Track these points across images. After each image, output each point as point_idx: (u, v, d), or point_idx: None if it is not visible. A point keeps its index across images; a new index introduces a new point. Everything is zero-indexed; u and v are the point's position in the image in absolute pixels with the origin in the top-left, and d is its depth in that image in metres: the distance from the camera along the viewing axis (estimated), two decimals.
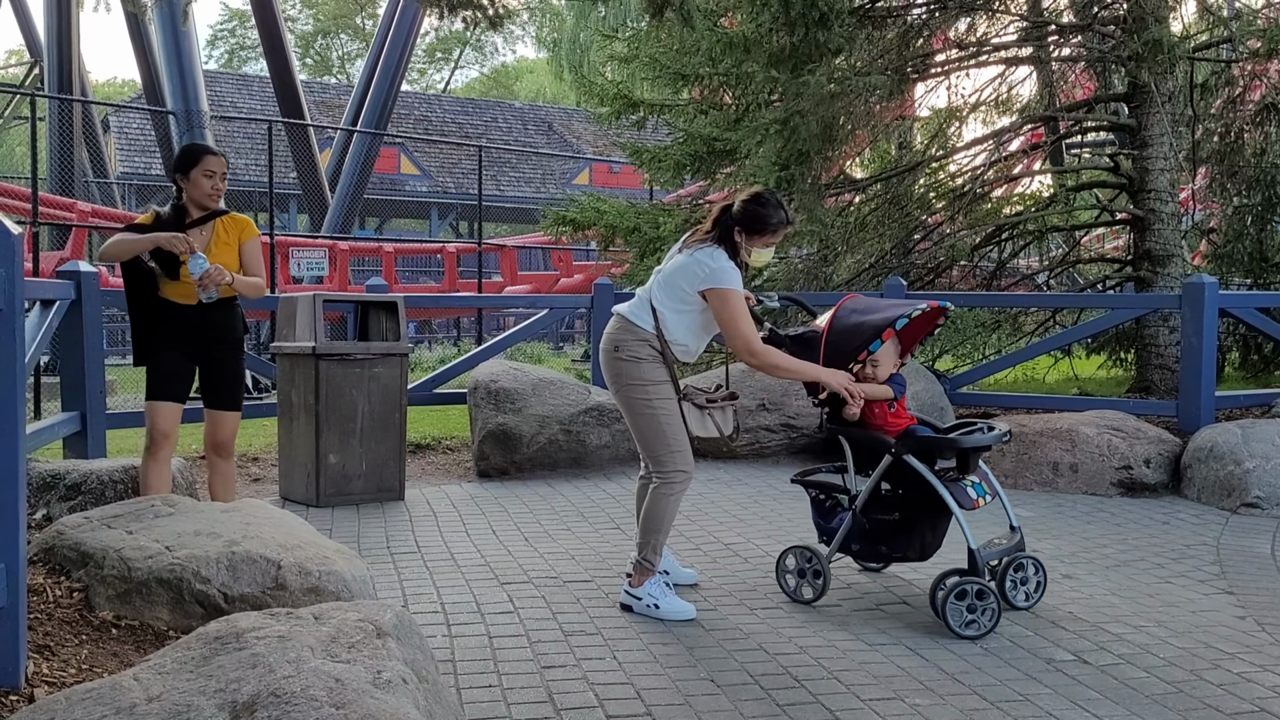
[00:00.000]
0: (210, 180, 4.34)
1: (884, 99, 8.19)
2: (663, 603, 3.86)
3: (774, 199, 3.98)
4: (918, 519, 3.94)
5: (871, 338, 3.85)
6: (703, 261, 3.86)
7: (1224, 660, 3.44)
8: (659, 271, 4.01)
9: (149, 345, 4.40)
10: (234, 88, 30.04)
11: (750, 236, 3.93)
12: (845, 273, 9.09)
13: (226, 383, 4.47)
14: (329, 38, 47.47)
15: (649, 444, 3.93)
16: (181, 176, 4.37)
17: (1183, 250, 8.38)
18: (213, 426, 4.48)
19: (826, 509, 4.15)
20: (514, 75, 50.37)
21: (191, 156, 4.39)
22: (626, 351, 3.91)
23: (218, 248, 4.39)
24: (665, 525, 3.92)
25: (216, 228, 4.43)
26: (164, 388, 4.37)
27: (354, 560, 3.40)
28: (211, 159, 4.39)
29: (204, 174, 4.33)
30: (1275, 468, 5.58)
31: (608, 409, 6.88)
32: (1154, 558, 4.74)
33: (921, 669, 3.35)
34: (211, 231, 4.41)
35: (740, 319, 3.83)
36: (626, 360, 3.91)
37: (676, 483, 3.90)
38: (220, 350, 4.45)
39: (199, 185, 4.34)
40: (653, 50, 9.15)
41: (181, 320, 4.36)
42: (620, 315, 3.99)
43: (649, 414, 3.89)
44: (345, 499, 5.73)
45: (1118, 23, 8.13)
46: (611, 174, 28.07)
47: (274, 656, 1.95)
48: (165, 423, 4.35)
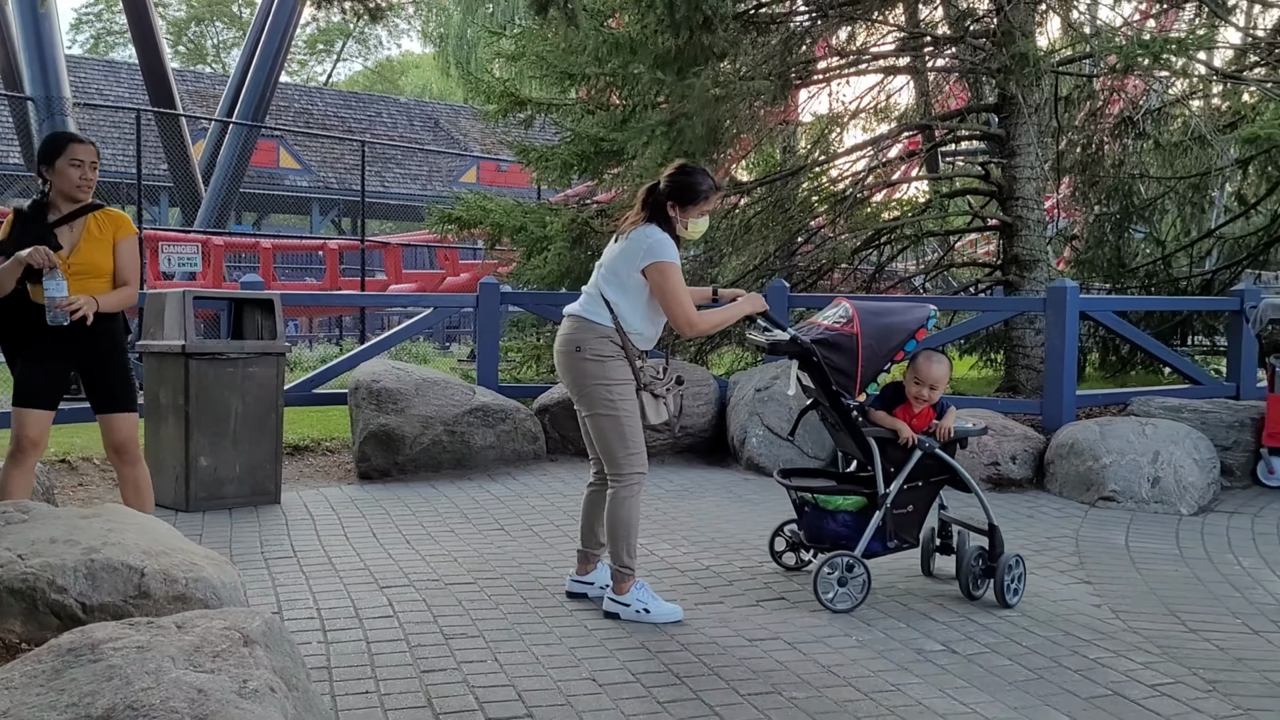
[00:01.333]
0: (78, 170, 4.03)
1: (768, 104, 8.34)
2: (652, 607, 3.82)
3: (699, 168, 4.01)
4: (924, 509, 4.21)
5: (906, 339, 3.99)
6: (639, 240, 3.85)
7: (1081, 647, 3.61)
8: (600, 266, 3.96)
9: (18, 348, 4.09)
10: (100, 74, 28.70)
11: (684, 208, 3.92)
12: (730, 274, 9.21)
13: (111, 384, 4.15)
14: (203, 25, 45.77)
15: (609, 446, 3.87)
16: (46, 167, 4.05)
17: (1048, 256, 8.76)
18: (106, 431, 4.18)
19: (808, 513, 4.17)
20: (399, 70, 49.48)
21: (56, 145, 4.08)
22: (590, 350, 3.84)
23: (89, 246, 4.07)
24: (634, 528, 3.88)
25: (89, 224, 4.09)
26: (32, 393, 4.05)
27: (224, 566, 3.28)
28: (79, 147, 4.08)
29: (71, 163, 4.02)
30: (1130, 463, 5.88)
31: (493, 409, 6.82)
32: (1018, 549, 4.93)
33: (799, 663, 3.42)
34: (82, 228, 4.07)
35: (680, 292, 3.83)
36: (591, 360, 3.84)
37: (635, 484, 3.88)
38: (98, 352, 4.13)
39: (66, 176, 4.02)
40: (540, 49, 9.11)
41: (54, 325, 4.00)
42: (576, 315, 3.90)
43: (613, 415, 3.84)
44: (217, 503, 5.54)
45: (988, 36, 8.45)
46: (499, 172, 27.83)
47: (132, 668, 1.87)
48: (33, 430, 4.04)
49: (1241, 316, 7.60)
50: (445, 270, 19.88)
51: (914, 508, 4.17)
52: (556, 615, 3.87)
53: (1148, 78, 9.36)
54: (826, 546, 4.11)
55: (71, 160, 4.04)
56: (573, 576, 4.14)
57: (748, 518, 5.49)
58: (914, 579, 4.41)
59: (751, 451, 6.75)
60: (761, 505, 5.81)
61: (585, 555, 4.12)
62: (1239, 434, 6.54)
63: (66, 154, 4.06)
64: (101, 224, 4.13)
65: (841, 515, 4.07)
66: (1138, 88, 10.31)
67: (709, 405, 7.24)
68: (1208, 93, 10.62)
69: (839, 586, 3.96)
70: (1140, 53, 7.35)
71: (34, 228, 4.03)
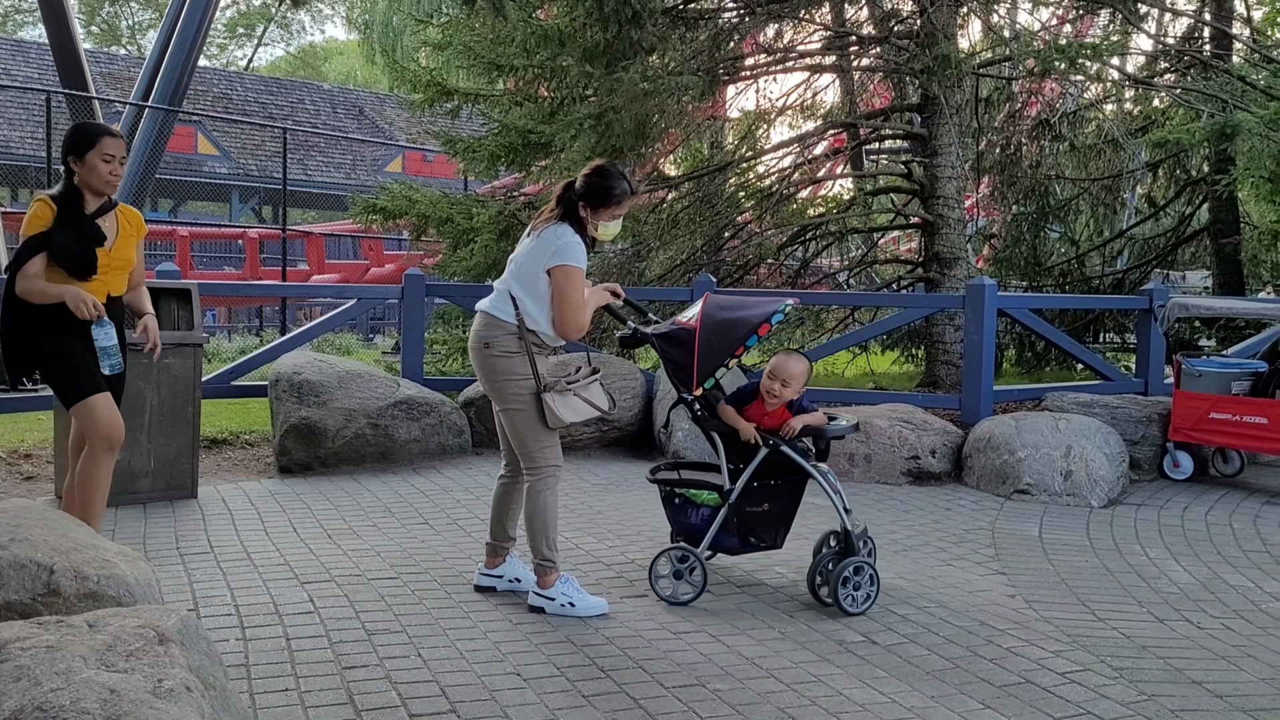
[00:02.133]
0: (109, 165, 3.84)
1: (696, 99, 8.37)
2: (577, 600, 3.81)
3: (615, 170, 3.96)
4: (787, 509, 4.14)
5: (748, 334, 3.93)
6: (549, 240, 3.82)
7: (996, 636, 3.71)
8: (512, 261, 3.93)
9: (61, 340, 3.84)
10: (7, 53, 27.63)
11: (595, 210, 3.90)
12: (658, 269, 9.24)
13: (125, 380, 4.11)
14: (117, 5, 44.32)
15: (522, 439, 3.86)
16: (75, 159, 3.83)
17: (967, 254, 8.95)
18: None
19: (677, 506, 4.16)
20: (323, 56, 48.55)
21: (88, 137, 3.86)
22: (498, 347, 3.82)
23: (124, 243, 3.96)
24: (552, 520, 3.86)
25: (120, 220, 3.98)
26: (99, 381, 3.85)
27: (137, 563, 3.19)
28: (110, 141, 3.87)
29: (102, 158, 3.83)
30: (1044, 457, 6.05)
31: (418, 402, 6.75)
32: (937, 542, 5.05)
33: (722, 655, 3.46)
34: (116, 224, 3.95)
35: (578, 297, 3.81)
36: (499, 356, 3.82)
37: (549, 477, 3.86)
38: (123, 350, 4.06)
39: (96, 170, 3.83)
40: (467, 39, 9.01)
41: (83, 322, 3.82)
42: (484, 311, 3.89)
43: (524, 410, 3.82)
44: (131, 498, 5.39)
45: (912, 37, 8.60)
46: (425, 162, 27.49)
47: (41, 668, 1.81)
48: (116, 415, 3.89)
49: (1150, 315, 7.86)
50: (370, 261, 19.59)
51: (769, 506, 4.10)
52: (480, 610, 3.85)
53: (1064, 82, 9.63)
54: (684, 539, 4.14)
55: (103, 155, 3.84)
56: (481, 570, 4.13)
57: None
58: None
59: (677, 445, 6.79)
60: None
61: (494, 548, 4.11)
62: (1147, 429, 6.77)
63: (99, 148, 3.84)
64: (129, 219, 4.05)
65: (704, 509, 4.08)
66: (1054, 91, 10.61)
67: (635, 399, 7.26)
68: (1120, 97, 10.97)
69: (675, 580, 4.01)
70: (1057, 57, 7.55)
71: (74, 219, 3.83)
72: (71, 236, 3.81)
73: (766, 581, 4.30)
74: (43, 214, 3.83)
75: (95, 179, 3.87)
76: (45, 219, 3.83)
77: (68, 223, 3.83)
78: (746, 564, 4.53)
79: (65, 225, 3.82)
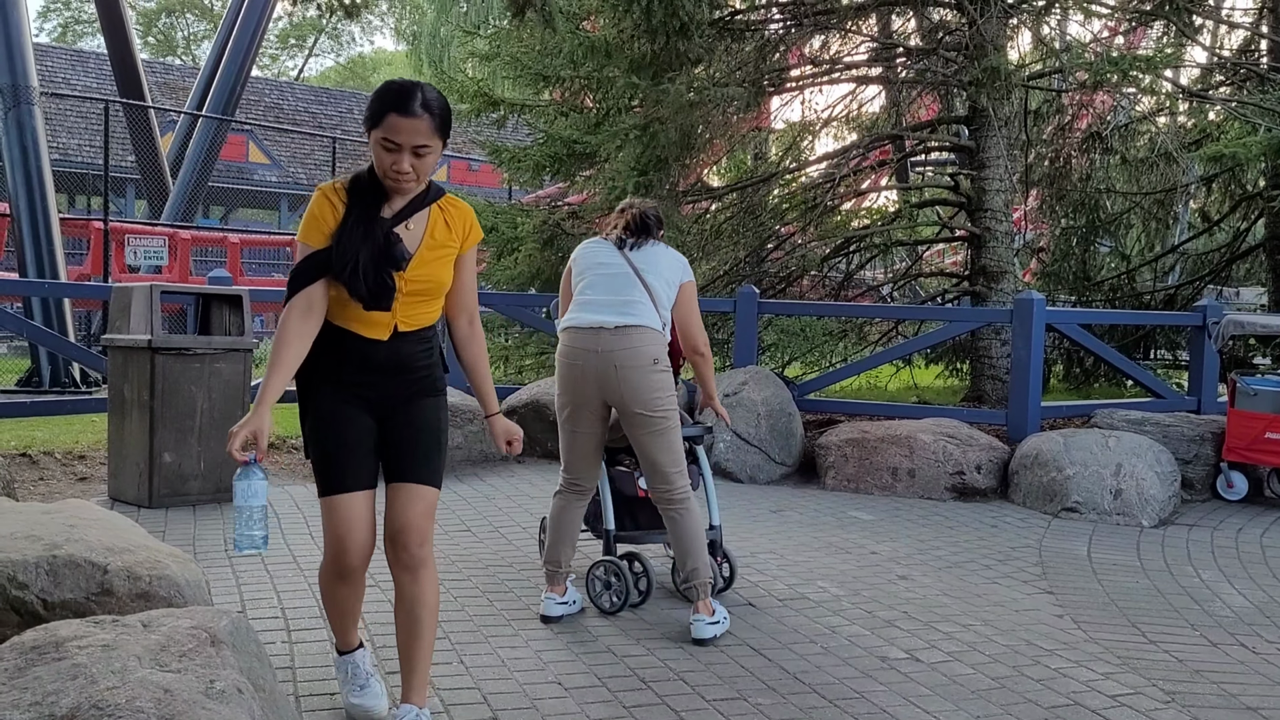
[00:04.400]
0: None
1: (741, 110, 8.37)
2: (719, 611, 3.76)
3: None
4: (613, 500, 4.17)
5: None
6: (670, 255, 3.85)
7: (1043, 657, 3.66)
8: (641, 273, 3.76)
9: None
10: (67, 63, 28.29)
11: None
12: (700, 279, 9.23)
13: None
14: (174, 16, 45.24)
15: (667, 460, 3.71)
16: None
17: (1015, 267, 8.86)
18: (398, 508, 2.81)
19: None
20: (371, 66, 49.14)
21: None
22: (663, 363, 3.72)
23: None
24: (704, 537, 3.78)
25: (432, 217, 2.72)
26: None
27: (188, 564, 3.24)
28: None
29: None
30: (1093, 474, 5.96)
31: (461, 410, 6.79)
32: (982, 559, 4.99)
33: (764, 669, 3.44)
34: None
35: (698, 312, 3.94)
36: (664, 372, 3.71)
37: (690, 496, 3.79)
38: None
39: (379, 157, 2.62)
40: (514, 50, 9.10)
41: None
42: (644, 326, 3.69)
43: (674, 428, 3.74)
44: (181, 500, 5.47)
45: (960, 49, 8.54)
46: (470, 172, 27.72)
47: (97, 667, 1.84)
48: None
49: (1204, 332, 7.72)
50: None
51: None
52: (522, 618, 3.86)
53: (1116, 94, 9.51)
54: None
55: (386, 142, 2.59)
56: (555, 599, 3.86)
57: None
58: (881, 587, 4.44)
59: (719, 457, 6.77)
60: (728, 510, 5.83)
61: (559, 574, 3.88)
62: (1200, 448, 6.64)
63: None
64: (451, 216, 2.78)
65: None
66: (1106, 104, 10.47)
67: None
68: (1174, 110, 10.80)
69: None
70: (1109, 69, 7.46)
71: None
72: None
73: (809, 595, 4.27)
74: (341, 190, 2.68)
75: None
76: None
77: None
78: (789, 578, 4.50)
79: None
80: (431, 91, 2.53)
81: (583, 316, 3.75)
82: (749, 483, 6.66)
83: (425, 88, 2.53)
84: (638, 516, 4.21)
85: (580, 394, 3.75)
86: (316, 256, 2.57)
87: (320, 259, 2.57)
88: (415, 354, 2.73)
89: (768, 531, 5.38)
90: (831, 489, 6.55)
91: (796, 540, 5.21)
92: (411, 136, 2.50)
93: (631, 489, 4.19)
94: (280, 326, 2.56)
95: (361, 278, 2.53)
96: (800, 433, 7.00)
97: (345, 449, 2.66)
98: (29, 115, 10.87)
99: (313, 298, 2.57)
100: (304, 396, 2.71)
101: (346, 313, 2.62)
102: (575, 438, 3.84)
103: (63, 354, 9.88)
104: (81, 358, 8.97)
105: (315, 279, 2.56)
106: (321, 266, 2.56)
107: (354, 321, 2.63)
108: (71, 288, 10.75)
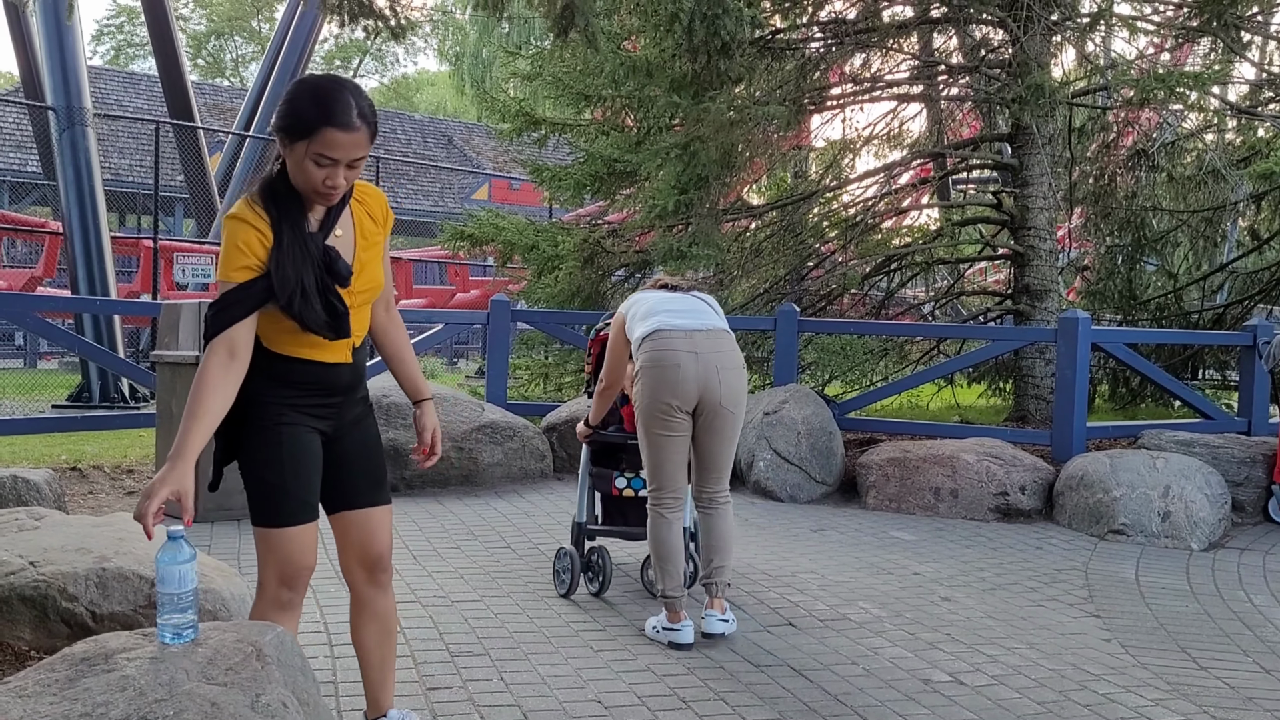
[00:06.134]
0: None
1: (781, 128, 8.37)
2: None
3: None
4: (585, 494, 4.52)
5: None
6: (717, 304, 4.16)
7: (1090, 681, 3.59)
8: (693, 298, 4.04)
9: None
10: (120, 85, 28.94)
11: None
12: (740, 297, 9.23)
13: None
14: (222, 39, 46.15)
15: (728, 463, 3.97)
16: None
17: (1059, 286, 8.76)
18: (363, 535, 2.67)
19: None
20: (414, 87, 49.78)
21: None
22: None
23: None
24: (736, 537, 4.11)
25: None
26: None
27: (233, 578, 3.29)
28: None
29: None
30: (1140, 496, 5.86)
31: (501, 427, 6.83)
32: (1027, 581, 4.92)
33: (805, 690, 3.41)
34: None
35: None
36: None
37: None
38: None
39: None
40: (556, 69, 9.17)
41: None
42: (731, 333, 4.01)
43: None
44: (226, 514, 5.54)
45: (1003, 66, 8.49)
46: (511, 190, 27.91)
47: (145, 679, 1.87)
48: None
49: (1254, 352, 7.58)
50: (456, 286, 19.94)
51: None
52: (562, 635, 3.86)
53: (1162, 111, 9.38)
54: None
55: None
56: (716, 616, 3.86)
57: (755, 542, 5.48)
58: (924, 609, 4.39)
59: (759, 475, 6.74)
60: (768, 529, 5.80)
61: (681, 601, 3.85)
62: (1250, 470, 6.51)
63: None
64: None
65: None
66: (1152, 120, 10.33)
67: None
68: (1222, 127, 10.64)
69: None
70: (1155, 86, 7.37)
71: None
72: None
73: (850, 617, 4.23)
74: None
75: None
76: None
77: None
78: (830, 598, 4.47)
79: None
80: (363, 97, 2.31)
81: (671, 321, 3.88)
82: (789, 501, 6.63)
83: (357, 93, 2.30)
84: (627, 514, 4.50)
85: (683, 394, 3.78)
86: (243, 290, 2.28)
87: (248, 292, 2.28)
88: (362, 365, 2.57)
89: (808, 551, 5.34)
90: (873, 509, 6.49)
91: (837, 560, 5.16)
92: (350, 151, 2.28)
93: (606, 487, 4.49)
94: (201, 371, 2.27)
95: (313, 304, 2.31)
96: (841, 451, 6.95)
97: (301, 480, 2.44)
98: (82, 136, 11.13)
99: (236, 340, 2.28)
100: (245, 424, 2.44)
101: (300, 340, 2.38)
102: (671, 442, 3.83)
103: (112, 369, 10.06)
104: (131, 373, 9.13)
105: (242, 316, 2.28)
106: (251, 300, 2.29)
107: (311, 349, 2.41)
108: (122, 305, 10.97)
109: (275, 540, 2.42)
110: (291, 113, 2.26)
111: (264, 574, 2.46)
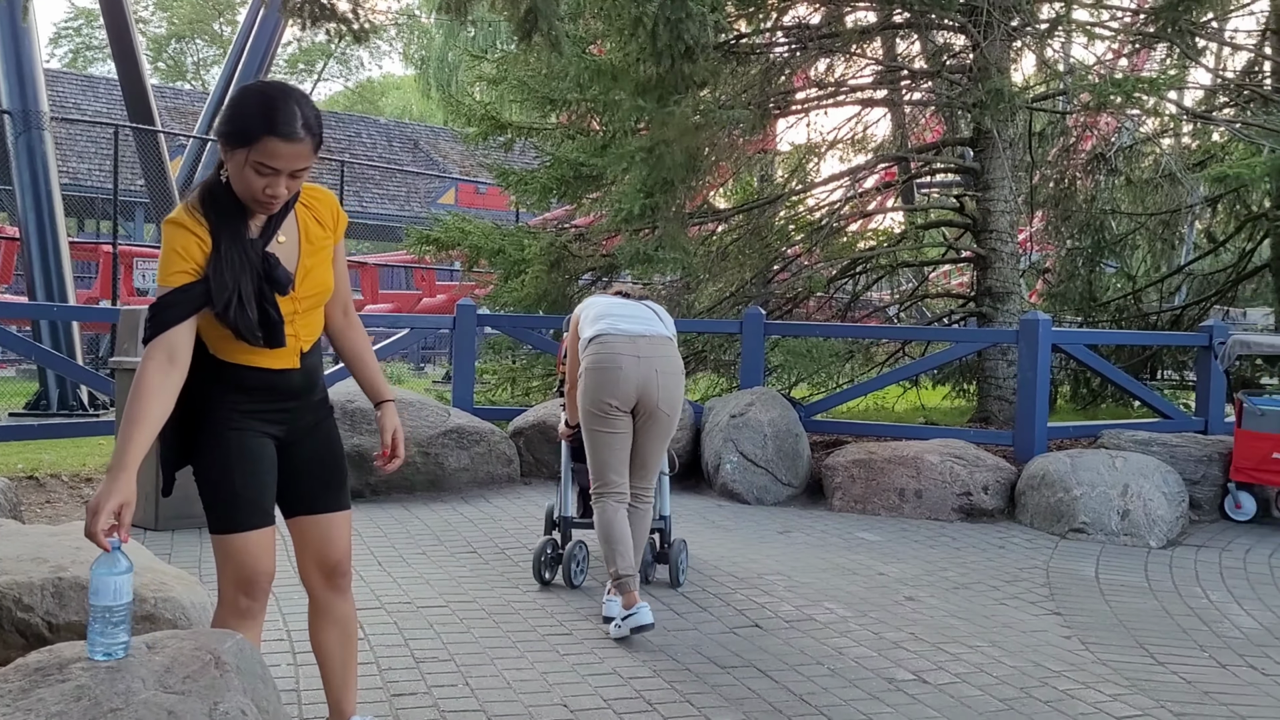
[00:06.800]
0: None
1: (747, 132, 8.41)
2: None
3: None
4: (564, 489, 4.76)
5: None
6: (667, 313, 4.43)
7: (1051, 678, 3.63)
8: (644, 307, 4.29)
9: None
10: (78, 89, 28.54)
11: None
12: (707, 300, 9.26)
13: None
14: (183, 42, 45.64)
15: (659, 463, 4.28)
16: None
17: (1021, 288, 8.85)
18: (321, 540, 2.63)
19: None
20: (380, 91, 49.49)
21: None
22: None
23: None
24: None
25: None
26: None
27: (194, 586, 3.25)
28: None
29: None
30: (1100, 495, 5.93)
31: (468, 431, 6.80)
32: (990, 580, 4.97)
33: (771, 691, 3.42)
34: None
35: None
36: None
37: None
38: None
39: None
40: (521, 73, 9.16)
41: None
42: (674, 339, 4.25)
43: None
44: (187, 522, 5.47)
45: (964, 71, 8.58)
46: (478, 194, 27.83)
47: (101, 688, 1.85)
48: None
49: (1210, 352, 7.71)
50: (422, 291, 19.84)
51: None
52: (528, 639, 3.85)
53: (1120, 116, 9.52)
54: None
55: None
56: (646, 606, 3.88)
57: (721, 544, 5.49)
58: (889, 609, 4.42)
59: (725, 478, 6.76)
60: (735, 531, 5.82)
61: (634, 581, 3.99)
62: (1207, 468, 6.61)
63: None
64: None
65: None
66: (1110, 125, 10.49)
67: (684, 431, 7.25)
68: (1178, 131, 10.82)
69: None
70: (1113, 91, 7.48)
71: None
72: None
73: (816, 617, 4.26)
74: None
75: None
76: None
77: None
78: (796, 599, 4.49)
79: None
80: (308, 105, 2.26)
81: (619, 325, 4.13)
82: (755, 504, 6.65)
83: (302, 101, 2.25)
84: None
85: (622, 395, 4.04)
86: (181, 293, 2.24)
87: (186, 295, 2.24)
88: (317, 367, 2.55)
89: (775, 553, 5.36)
90: (838, 510, 6.53)
91: (804, 561, 5.19)
92: (291, 162, 2.23)
93: (585, 481, 4.51)
94: (139, 376, 2.19)
95: (248, 312, 2.27)
96: (807, 454, 6.99)
97: (253, 485, 2.41)
98: (39, 140, 10.96)
99: (175, 343, 2.22)
100: (197, 430, 2.40)
101: (243, 346, 2.34)
102: (612, 440, 4.10)
103: (71, 377, 9.91)
104: (89, 380, 9.00)
105: (180, 319, 2.23)
106: (189, 303, 2.24)
107: (257, 355, 2.37)
108: (80, 311, 10.80)
109: (231, 546, 2.41)
110: (235, 119, 2.23)
111: (223, 582, 2.45)
